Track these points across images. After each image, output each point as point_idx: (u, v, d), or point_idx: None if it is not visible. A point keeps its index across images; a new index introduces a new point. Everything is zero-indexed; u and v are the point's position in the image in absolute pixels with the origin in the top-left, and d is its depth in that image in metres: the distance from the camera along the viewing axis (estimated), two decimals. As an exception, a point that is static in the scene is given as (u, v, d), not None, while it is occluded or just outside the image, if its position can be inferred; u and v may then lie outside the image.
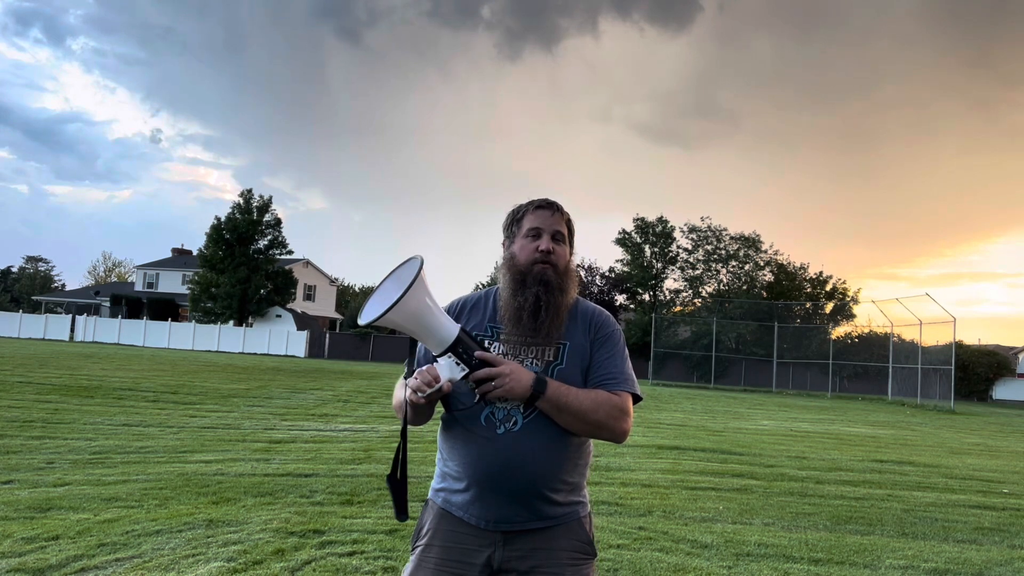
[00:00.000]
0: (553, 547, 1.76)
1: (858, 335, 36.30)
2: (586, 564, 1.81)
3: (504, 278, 1.88)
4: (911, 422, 17.69)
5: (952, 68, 71.93)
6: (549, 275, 1.82)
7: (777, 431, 12.89)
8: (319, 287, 59.93)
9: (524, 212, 1.91)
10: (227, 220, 44.54)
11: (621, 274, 42.90)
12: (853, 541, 5.13)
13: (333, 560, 4.00)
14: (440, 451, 1.90)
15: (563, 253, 1.89)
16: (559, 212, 1.91)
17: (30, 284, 78.48)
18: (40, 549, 3.93)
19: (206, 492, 5.44)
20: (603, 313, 1.95)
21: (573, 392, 1.75)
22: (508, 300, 1.84)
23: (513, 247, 1.90)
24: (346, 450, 7.74)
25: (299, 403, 12.68)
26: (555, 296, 1.81)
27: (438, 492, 1.87)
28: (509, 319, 1.82)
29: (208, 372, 19.32)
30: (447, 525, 1.80)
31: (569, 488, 1.81)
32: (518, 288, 1.82)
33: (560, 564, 1.75)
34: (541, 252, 1.84)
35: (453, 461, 1.82)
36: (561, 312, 1.83)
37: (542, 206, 1.90)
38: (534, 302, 1.78)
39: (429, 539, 1.82)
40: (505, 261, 1.91)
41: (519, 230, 1.90)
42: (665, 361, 34.94)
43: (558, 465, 1.77)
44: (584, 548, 1.81)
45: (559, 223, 1.89)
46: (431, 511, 1.87)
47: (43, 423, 8.54)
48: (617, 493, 6.23)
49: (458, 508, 1.79)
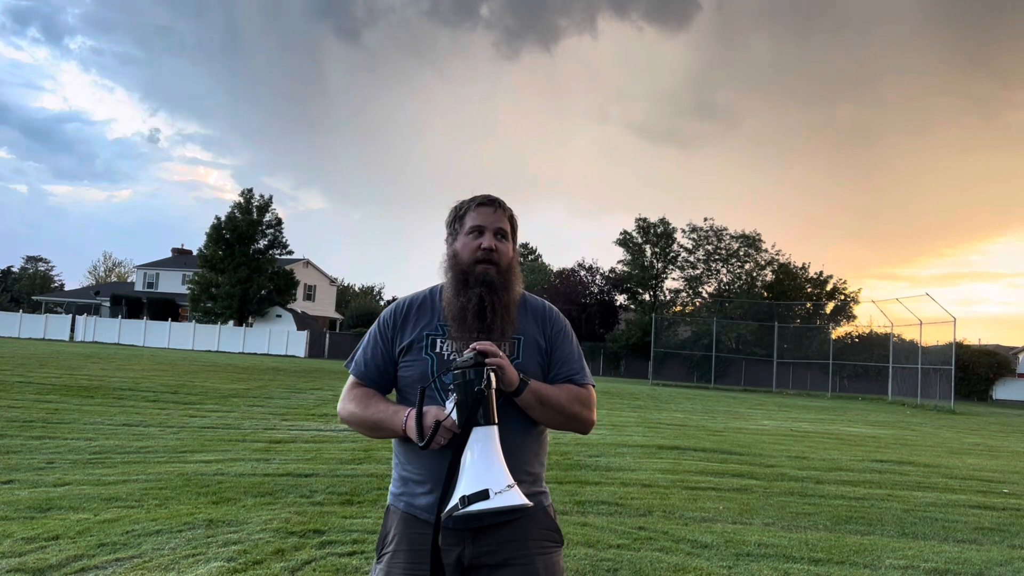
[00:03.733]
0: (522, 538, 1.77)
1: (858, 335, 36.34)
2: (555, 551, 1.83)
3: (447, 276, 1.88)
4: (911, 422, 17.68)
5: (951, 67, 71.97)
6: (491, 275, 1.81)
7: (777, 431, 12.89)
8: (319, 287, 59.91)
9: (466, 209, 1.90)
10: (227, 220, 44.54)
11: (621, 274, 42.91)
12: (853, 541, 5.13)
13: (333, 560, 4.00)
14: (397, 456, 1.88)
15: (506, 250, 1.87)
16: (501, 209, 1.90)
17: (30, 284, 78.48)
18: (40, 549, 3.93)
19: (206, 492, 5.44)
20: (553, 308, 1.98)
21: (548, 386, 1.81)
22: (451, 299, 1.83)
23: (455, 244, 1.89)
24: (346, 450, 7.74)
25: (299, 403, 12.69)
26: (499, 295, 1.80)
27: (399, 497, 1.85)
28: (453, 318, 1.81)
29: (208, 372, 19.32)
30: (413, 529, 1.79)
31: (532, 479, 1.83)
32: (460, 288, 1.81)
33: (530, 554, 1.76)
34: (483, 250, 1.83)
35: (413, 464, 1.81)
36: (510, 309, 1.83)
37: (484, 203, 1.89)
38: (478, 303, 1.78)
39: (396, 544, 1.80)
40: (447, 259, 1.90)
41: (461, 227, 1.89)
42: (665, 361, 34.94)
43: (521, 458, 1.79)
44: (552, 536, 1.84)
45: (501, 220, 1.88)
46: (394, 517, 1.84)
47: (43, 423, 8.54)
48: (617, 493, 6.23)
49: (423, 511, 1.78)
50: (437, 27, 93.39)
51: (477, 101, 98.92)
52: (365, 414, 1.83)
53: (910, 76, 72.92)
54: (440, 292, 1.91)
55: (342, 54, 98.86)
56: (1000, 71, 69.19)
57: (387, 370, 1.89)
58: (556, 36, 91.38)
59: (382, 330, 1.92)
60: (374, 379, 1.90)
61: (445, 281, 1.89)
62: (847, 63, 76.93)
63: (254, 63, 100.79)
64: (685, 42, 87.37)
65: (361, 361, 1.91)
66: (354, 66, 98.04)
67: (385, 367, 1.89)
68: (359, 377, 1.90)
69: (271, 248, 45.77)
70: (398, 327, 1.90)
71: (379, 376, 1.90)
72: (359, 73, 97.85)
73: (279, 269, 46.21)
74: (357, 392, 1.88)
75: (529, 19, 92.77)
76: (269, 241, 45.69)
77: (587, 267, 43.62)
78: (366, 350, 1.92)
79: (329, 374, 22.79)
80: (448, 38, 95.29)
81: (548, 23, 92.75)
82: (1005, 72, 69.32)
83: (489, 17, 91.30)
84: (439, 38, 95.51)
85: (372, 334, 1.94)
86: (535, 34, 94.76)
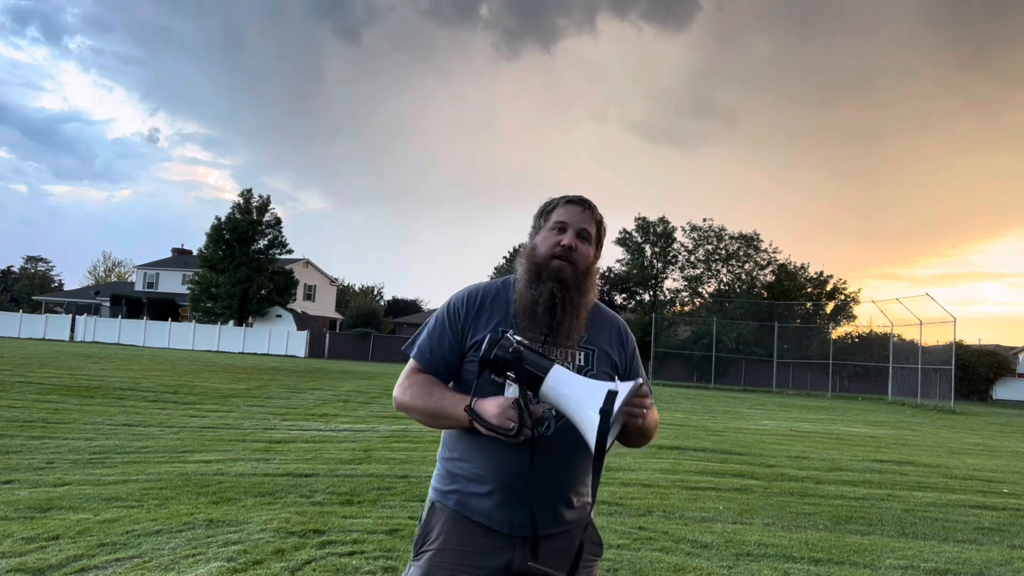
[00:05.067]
0: (570, 548, 1.73)
1: (858, 335, 36.36)
2: (595, 564, 1.83)
3: (521, 268, 1.82)
4: (911, 422, 17.68)
5: (951, 67, 71.98)
6: (566, 272, 1.74)
7: (777, 431, 12.89)
8: (319, 287, 59.92)
9: (555, 205, 1.85)
10: (227, 220, 44.54)
11: (620, 274, 42.90)
12: (853, 541, 5.13)
13: (333, 560, 4.00)
14: (451, 450, 1.80)
15: (586, 253, 1.80)
16: (590, 210, 1.83)
17: (30, 284, 78.47)
18: (40, 549, 3.93)
19: (206, 492, 5.44)
20: (626, 325, 1.94)
21: None
22: (523, 292, 1.77)
23: (537, 238, 1.84)
24: (346, 450, 7.74)
25: (299, 403, 12.68)
26: (572, 295, 1.73)
27: (448, 495, 1.77)
28: (523, 312, 1.75)
29: (208, 372, 19.31)
30: (462, 529, 1.72)
31: (584, 491, 1.81)
32: (533, 280, 1.75)
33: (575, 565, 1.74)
34: (562, 247, 1.76)
35: (472, 462, 1.74)
36: (581, 313, 1.76)
37: (574, 201, 1.84)
38: (549, 298, 1.71)
39: (442, 543, 1.72)
40: (525, 250, 1.84)
41: (546, 222, 1.84)
42: (665, 361, 34.93)
43: (583, 470, 1.77)
44: (594, 550, 1.82)
45: (588, 221, 1.82)
46: (441, 514, 1.76)
47: (43, 423, 8.53)
48: (617, 493, 6.23)
49: (478, 512, 1.72)
50: (437, 27, 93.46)
51: (477, 101, 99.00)
52: (428, 402, 1.73)
53: (910, 76, 72.96)
54: (513, 285, 1.84)
55: (342, 54, 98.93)
56: (999, 71, 69.24)
57: (453, 361, 1.79)
58: (555, 36, 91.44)
59: (452, 319, 1.81)
60: (439, 369, 1.80)
61: (518, 272, 1.82)
62: (847, 63, 76.99)
63: (254, 63, 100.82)
64: (685, 42, 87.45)
65: (427, 349, 1.81)
66: (354, 66, 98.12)
67: (452, 358, 1.79)
68: (422, 365, 1.80)
69: (271, 248, 45.77)
70: (471, 319, 1.80)
71: (444, 367, 1.80)
72: (359, 73, 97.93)
73: (279, 269, 46.22)
74: (418, 378, 1.78)
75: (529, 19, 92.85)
76: (269, 241, 45.69)
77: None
78: (432, 336, 1.81)
79: (329, 374, 22.79)
80: (448, 38, 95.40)
81: (547, 23, 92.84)
82: (1004, 72, 69.35)
83: (489, 17, 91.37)
84: (439, 38, 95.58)
85: (440, 321, 1.83)
86: (535, 34, 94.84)
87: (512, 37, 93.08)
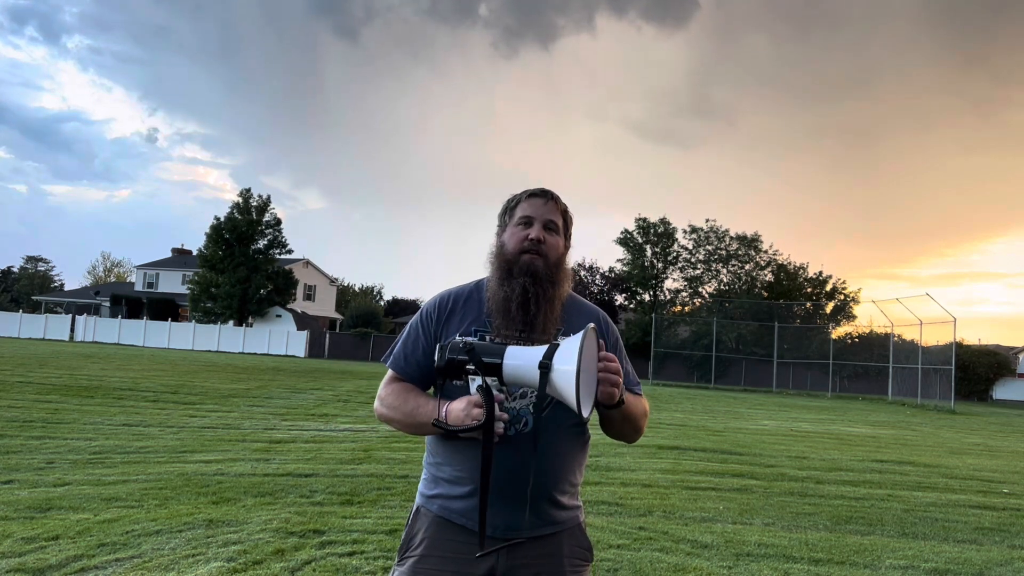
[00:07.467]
0: (556, 553, 1.73)
1: (858, 335, 36.35)
2: (585, 569, 1.80)
3: (492, 267, 1.81)
4: (911, 422, 17.69)
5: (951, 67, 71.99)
6: (537, 265, 1.73)
7: (777, 431, 12.89)
8: (319, 287, 59.92)
9: (518, 201, 1.84)
10: (227, 220, 44.53)
11: (621, 274, 42.91)
12: (853, 541, 5.13)
13: (333, 560, 4.00)
14: (432, 454, 1.80)
15: (555, 244, 1.79)
16: (554, 201, 1.82)
17: (30, 284, 78.48)
18: (40, 549, 3.93)
19: (206, 492, 5.44)
20: (607, 316, 1.91)
21: (631, 399, 1.75)
22: (495, 290, 1.75)
23: (503, 236, 1.82)
24: (346, 450, 7.74)
25: (299, 403, 12.68)
26: (545, 288, 1.72)
27: (431, 499, 1.76)
28: (497, 310, 1.73)
29: (208, 372, 19.32)
30: (445, 534, 1.71)
31: (573, 491, 1.79)
32: (504, 278, 1.74)
33: (563, 571, 1.72)
34: (530, 241, 1.75)
35: (452, 465, 1.72)
36: (555, 305, 1.75)
37: (536, 194, 1.82)
38: (521, 293, 1.69)
39: (425, 549, 1.71)
40: (494, 250, 1.83)
41: (511, 219, 1.83)
42: (665, 361, 34.93)
43: (569, 466, 1.75)
44: (584, 555, 1.80)
45: (553, 212, 1.81)
46: (424, 519, 1.76)
47: (43, 423, 8.53)
48: (617, 493, 6.23)
49: (460, 515, 1.70)
50: (435, 26, 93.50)
51: (475, 100, 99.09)
52: (404, 409, 1.72)
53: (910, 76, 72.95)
54: (486, 285, 1.83)
55: (340, 53, 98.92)
56: (999, 71, 69.24)
57: (428, 366, 1.77)
58: (554, 35, 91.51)
59: (425, 324, 1.82)
60: (414, 375, 1.80)
61: (489, 272, 1.82)
62: (846, 62, 76.99)
63: (253, 62, 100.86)
64: (683, 41, 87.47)
65: (401, 356, 1.81)
66: (353, 65, 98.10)
67: (427, 363, 1.77)
68: (398, 372, 1.80)
69: (271, 248, 45.76)
70: (442, 322, 1.80)
71: (420, 373, 1.80)
72: (358, 72, 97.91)
73: (279, 269, 46.22)
74: (395, 387, 1.78)
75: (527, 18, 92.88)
76: (269, 241, 45.68)
77: (586, 266, 43.64)
78: (406, 344, 1.82)
79: (329, 374, 22.79)
80: (446, 37, 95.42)
81: (546, 22, 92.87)
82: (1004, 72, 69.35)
83: (487, 16, 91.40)
84: (437, 37, 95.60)
85: (414, 327, 1.83)
86: (533, 33, 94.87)
87: (511, 36, 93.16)
